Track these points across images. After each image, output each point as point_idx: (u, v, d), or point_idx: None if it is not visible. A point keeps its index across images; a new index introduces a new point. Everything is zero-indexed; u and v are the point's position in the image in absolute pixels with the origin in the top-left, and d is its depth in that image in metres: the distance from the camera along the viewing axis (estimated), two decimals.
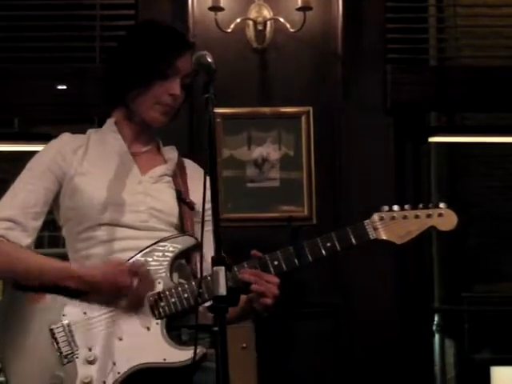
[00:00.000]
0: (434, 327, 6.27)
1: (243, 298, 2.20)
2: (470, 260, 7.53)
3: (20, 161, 2.34)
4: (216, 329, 1.77)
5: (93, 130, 2.39)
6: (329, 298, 3.83)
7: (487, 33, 4.27)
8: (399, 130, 4.01)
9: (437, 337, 6.53)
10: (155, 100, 2.26)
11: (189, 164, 2.44)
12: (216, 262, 1.80)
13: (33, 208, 2.24)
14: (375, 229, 2.22)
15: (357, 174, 3.89)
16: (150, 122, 2.31)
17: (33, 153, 2.33)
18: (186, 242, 2.22)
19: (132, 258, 2.18)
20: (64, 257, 2.28)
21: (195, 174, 2.38)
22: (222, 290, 1.78)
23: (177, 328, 2.16)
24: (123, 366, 2.08)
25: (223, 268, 1.79)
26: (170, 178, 2.34)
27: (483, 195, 7.57)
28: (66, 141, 2.32)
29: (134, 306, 2.13)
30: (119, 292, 2.12)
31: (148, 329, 2.13)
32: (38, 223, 2.26)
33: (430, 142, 4.36)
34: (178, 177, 2.36)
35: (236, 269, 2.15)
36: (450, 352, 6.85)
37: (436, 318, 6.39)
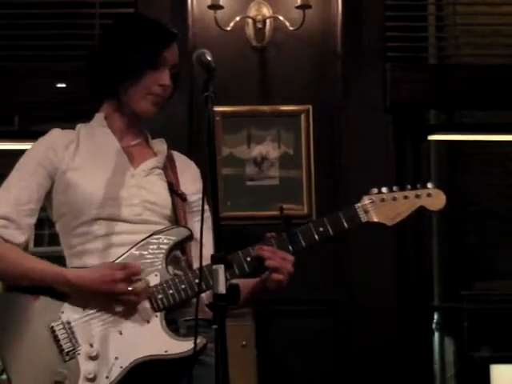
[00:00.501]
0: (434, 325, 6.27)
1: (254, 280, 2.23)
2: (469, 258, 7.53)
3: (17, 156, 2.34)
4: (215, 327, 1.78)
5: (82, 125, 2.39)
6: (329, 295, 3.84)
7: (487, 31, 4.27)
8: (399, 128, 4.01)
9: (436, 335, 6.54)
10: (146, 91, 2.29)
11: (178, 156, 2.45)
12: (215, 259, 1.81)
13: (26, 205, 2.24)
14: (366, 211, 2.23)
15: (356, 172, 3.88)
16: (141, 113, 2.32)
17: None
18: (180, 233, 2.23)
19: (126, 252, 2.19)
20: (57, 257, 2.28)
21: (185, 166, 2.42)
22: (222, 288, 1.78)
23: (174, 322, 2.18)
24: (125, 360, 2.09)
25: (222, 266, 1.80)
26: (160, 171, 2.35)
27: (482, 193, 7.58)
28: (56, 136, 2.33)
29: (131, 308, 2.14)
30: (116, 297, 2.12)
31: (148, 322, 2.13)
32: (32, 220, 2.26)
33: (430, 140, 4.36)
34: (169, 169, 2.37)
35: (241, 253, 2.17)
36: (449, 350, 6.86)
37: (435, 316, 6.39)
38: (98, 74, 2.35)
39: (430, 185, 2.24)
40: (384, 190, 2.23)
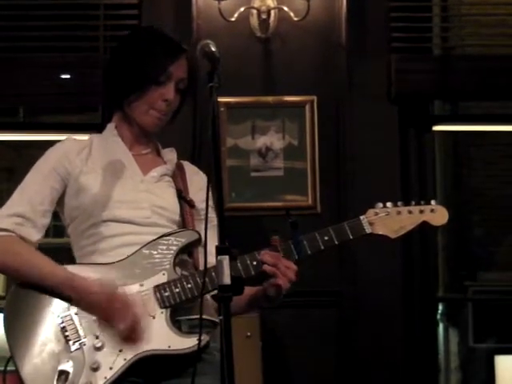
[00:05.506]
0: (438, 316, 6.29)
1: (256, 287, 2.28)
2: (474, 249, 7.54)
3: (25, 149, 2.40)
4: (221, 317, 1.79)
5: (95, 135, 2.47)
6: (333, 286, 3.84)
7: (492, 21, 4.26)
8: (403, 118, 4.00)
9: (441, 326, 6.56)
10: (149, 106, 2.34)
11: (187, 165, 2.52)
12: (220, 251, 1.82)
13: (41, 206, 2.31)
14: (371, 223, 2.31)
15: (361, 162, 3.89)
16: (144, 127, 2.39)
17: (38, 142, 2.38)
18: (189, 236, 2.28)
19: (136, 251, 2.24)
20: (61, 248, 2.32)
21: (193, 174, 2.48)
22: (227, 279, 1.80)
23: (178, 321, 2.22)
24: (129, 353, 2.14)
25: (227, 257, 1.81)
26: (170, 178, 2.42)
27: (487, 184, 7.58)
28: (70, 143, 2.41)
29: (137, 304, 2.18)
30: (110, 319, 2.16)
31: (153, 317, 2.18)
32: (47, 220, 2.33)
33: (434, 131, 4.35)
34: (178, 177, 2.44)
35: (247, 257, 2.21)
36: (453, 341, 6.88)
37: (440, 307, 6.40)
38: (105, 86, 2.44)
39: (433, 202, 2.35)
40: (389, 204, 2.33)
